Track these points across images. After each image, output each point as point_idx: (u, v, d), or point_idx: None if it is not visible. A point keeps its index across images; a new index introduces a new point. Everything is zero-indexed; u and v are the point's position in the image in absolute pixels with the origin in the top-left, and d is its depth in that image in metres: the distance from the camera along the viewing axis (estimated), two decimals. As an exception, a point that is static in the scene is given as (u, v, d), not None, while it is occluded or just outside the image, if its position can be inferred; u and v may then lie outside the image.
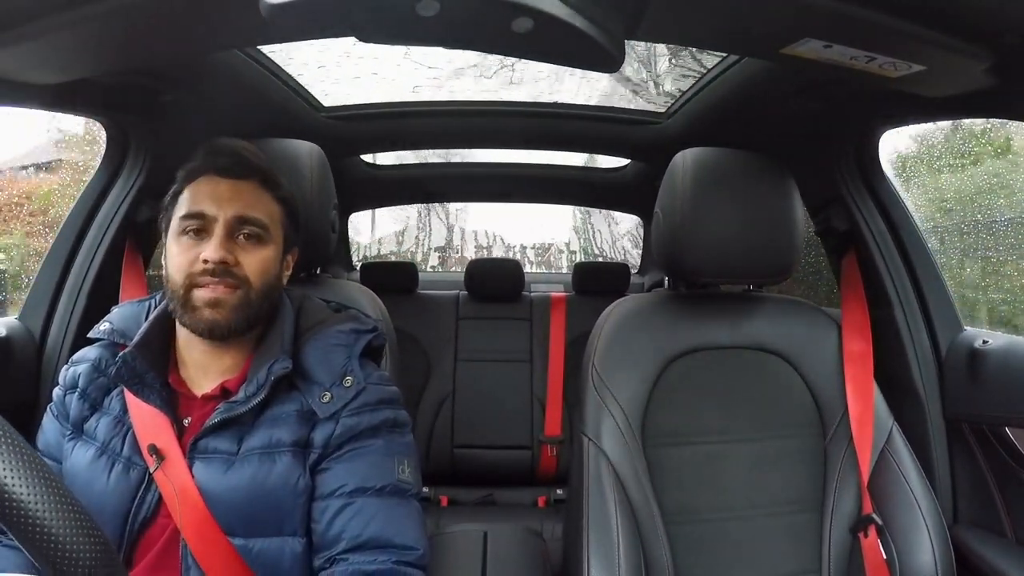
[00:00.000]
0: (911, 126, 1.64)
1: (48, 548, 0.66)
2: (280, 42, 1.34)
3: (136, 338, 1.10)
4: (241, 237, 1.08)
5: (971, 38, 0.90)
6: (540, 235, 10.20)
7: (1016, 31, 0.88)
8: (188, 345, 1.12)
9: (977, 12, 0.86)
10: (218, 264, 1.04)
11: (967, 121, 2.69)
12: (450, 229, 10.54)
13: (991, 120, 2.65)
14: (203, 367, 1.12)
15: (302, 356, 1.12)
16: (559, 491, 2.52)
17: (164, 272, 1.10)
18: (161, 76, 1.36)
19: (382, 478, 1.07)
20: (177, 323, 1.11)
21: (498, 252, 9.97)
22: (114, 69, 1.21)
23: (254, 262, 1.08)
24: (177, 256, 1.07)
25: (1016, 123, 2.42)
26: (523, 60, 2.03)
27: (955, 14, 0.86)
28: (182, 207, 1.09)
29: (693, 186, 1.34)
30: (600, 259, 9.02)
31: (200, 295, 1.05)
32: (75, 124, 3.27)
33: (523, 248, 10.04)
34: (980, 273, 2.57)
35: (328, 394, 1.08)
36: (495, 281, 2.83)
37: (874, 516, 1.27)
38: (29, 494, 0.66)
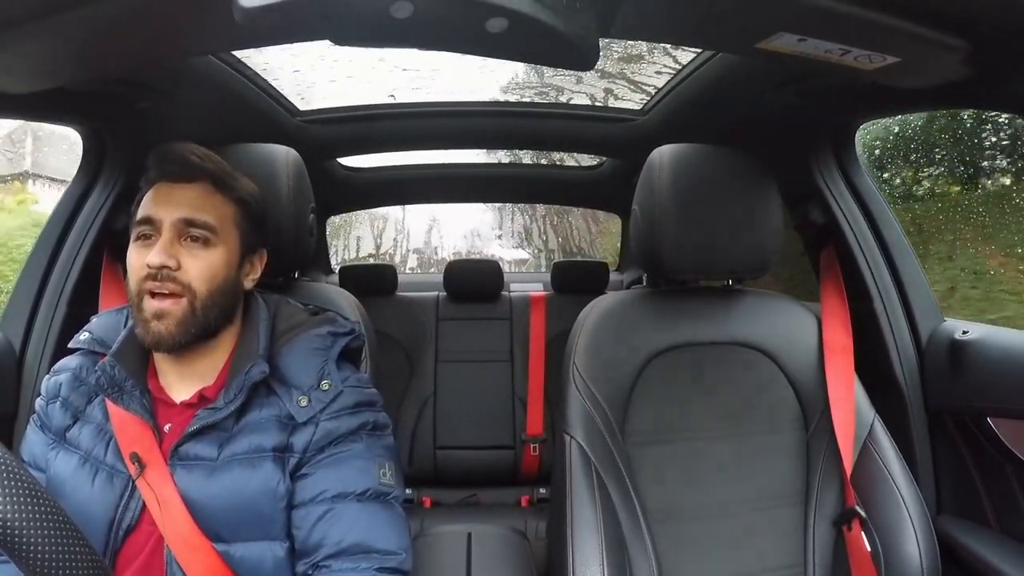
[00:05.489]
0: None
1: (41, 568, 0.66)
2: (254, 47, 1.33)
3: (114, 347, 1.10)
4: (188, 239, 1.07)
5: (945, 29, 0.91)
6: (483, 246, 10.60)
7: (990, 20, 0.89)
8: (161, 354, 1.11)
9: (951, 2, 0.87)
10: (159, 268, 1.03)
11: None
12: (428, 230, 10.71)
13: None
14: (179, 374, 1.12)
15: (279, 360, 1.11)
16: (542, 490, 2.53)
17: None
18: (136, 83, 1.35)
19: (363, 482, 1.06)
20: None
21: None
22: (89, 77, 1.20)
23: (199, 266, 1.06)
24: (130, 263, 1.07)
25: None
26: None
27: (929, 4, 0.86)
28: (137, 215, 1.09)
29: (671, 182, 1.34)
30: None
31: (148, 306, 1.04)
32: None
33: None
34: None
35: (305, 398, 1.08)
36: (474, 281, 2.82)
37: (858, 509, 1.27)
38: (20, 516, 0.66)
